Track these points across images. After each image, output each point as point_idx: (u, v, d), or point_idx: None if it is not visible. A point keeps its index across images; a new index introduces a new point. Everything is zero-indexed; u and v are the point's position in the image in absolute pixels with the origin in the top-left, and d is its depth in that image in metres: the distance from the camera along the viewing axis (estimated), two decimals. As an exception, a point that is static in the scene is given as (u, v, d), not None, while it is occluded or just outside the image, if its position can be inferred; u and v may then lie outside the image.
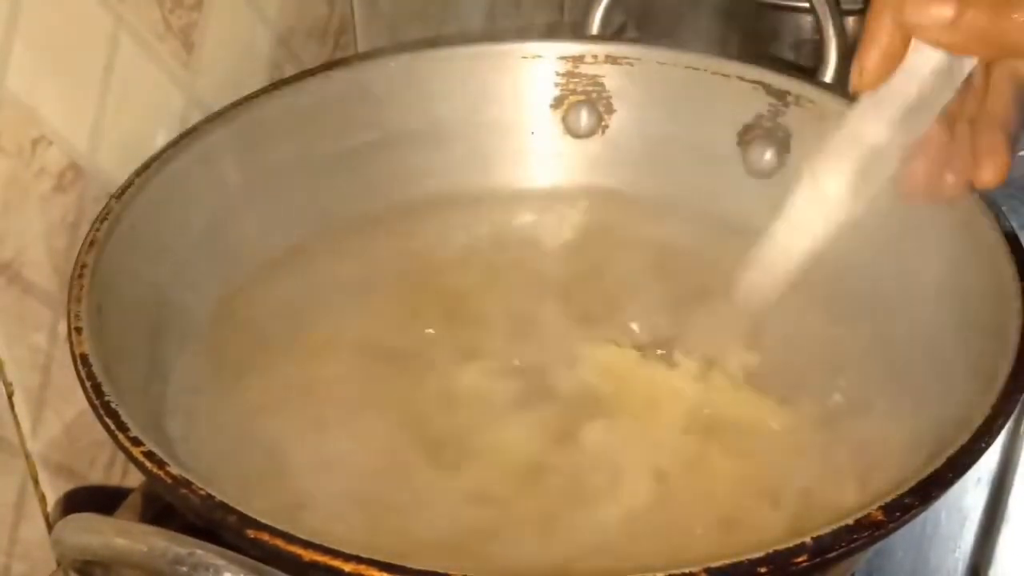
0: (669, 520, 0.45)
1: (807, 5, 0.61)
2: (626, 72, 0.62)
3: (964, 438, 0.39)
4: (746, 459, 0.48)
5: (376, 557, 0.34)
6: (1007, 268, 0.46)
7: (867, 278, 0.54)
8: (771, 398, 0.49)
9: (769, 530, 0.45)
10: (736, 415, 0.49)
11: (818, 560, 0.35)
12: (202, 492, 0.36)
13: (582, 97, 0.63)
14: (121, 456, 0.42)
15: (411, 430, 0.49)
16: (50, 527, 0.52)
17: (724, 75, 0.60)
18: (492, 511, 0.46)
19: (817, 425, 0.49)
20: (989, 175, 0.43)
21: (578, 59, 0.62)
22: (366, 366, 0.52)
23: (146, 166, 0.51)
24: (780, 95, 0.59)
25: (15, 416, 0.49)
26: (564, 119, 0.63)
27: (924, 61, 0.42)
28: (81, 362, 0.41)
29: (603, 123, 0.63)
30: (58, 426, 0.51)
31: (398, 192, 0.61)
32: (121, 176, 0.50)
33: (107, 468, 0.55)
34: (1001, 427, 0.40)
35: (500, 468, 0.48)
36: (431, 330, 0.54)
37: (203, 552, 0.33)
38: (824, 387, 0.50)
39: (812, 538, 0.35)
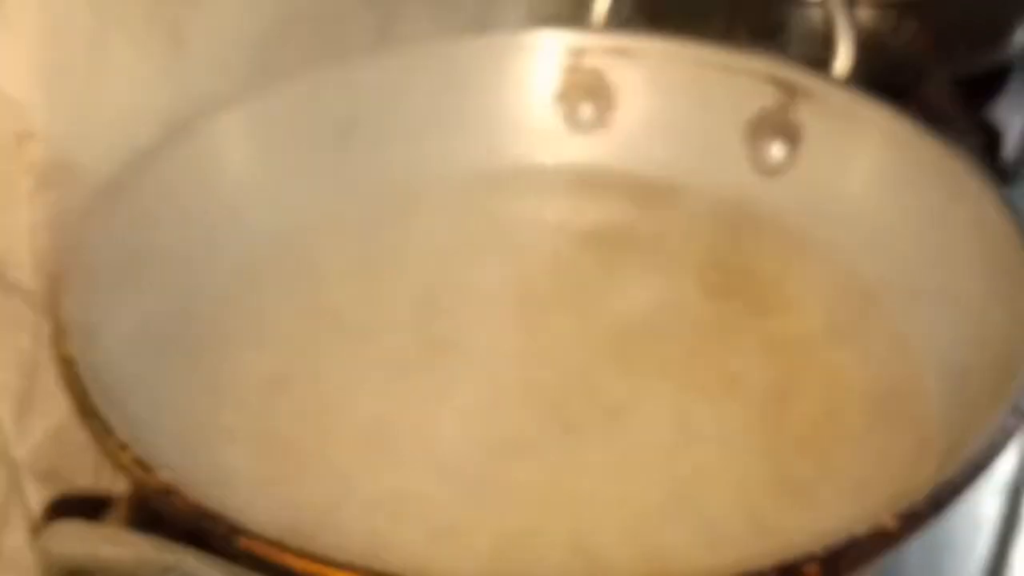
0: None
1: (817, -3, 0.61)
2: (631, 65, 0.62)
3: (978, 444, 0.38)
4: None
5: (371, 566, 0.34)
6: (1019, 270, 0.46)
7: (877, 279, 0.54)
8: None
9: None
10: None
11: (828, 570, 0.34)
12: (191, 499, 0.36)
13: (586, 90, 0.62)
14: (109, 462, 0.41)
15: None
16: (36, 535, 0.51)
17: (731, 68, 0.60)
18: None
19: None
20: None
21: (582, 51, 0.62)
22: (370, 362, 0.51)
23: (136, 163, 0.51)
24: (789, 89, 0.59)
25: (-1, 420, 0.49)
26: (568, 112, 0.63)
27: None
28: (65, 364, 0.41)
29: (607, 116, 0.63)
30: (44, 431, 0.51)
31: (400, 185, 0.60)
32: (110, 173, 0.50)
33: (95, 474, 0.54)
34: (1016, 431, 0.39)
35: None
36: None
37: (193, 561, 0.33)
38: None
39: (822, 548, 0.34)
